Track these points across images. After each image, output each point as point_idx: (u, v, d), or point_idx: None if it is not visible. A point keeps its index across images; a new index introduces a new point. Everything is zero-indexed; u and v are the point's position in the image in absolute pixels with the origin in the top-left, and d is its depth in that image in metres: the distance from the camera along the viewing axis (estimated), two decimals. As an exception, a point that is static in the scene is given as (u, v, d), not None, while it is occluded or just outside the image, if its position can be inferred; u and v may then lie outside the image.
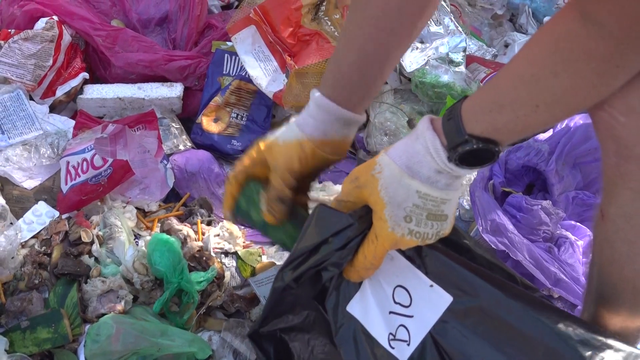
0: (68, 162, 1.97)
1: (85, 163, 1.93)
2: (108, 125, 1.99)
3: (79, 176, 1.94)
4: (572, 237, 1.89)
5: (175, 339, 1.65)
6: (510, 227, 1.80)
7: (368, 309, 1.32)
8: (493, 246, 1.78)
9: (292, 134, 1.35)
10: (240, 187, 1.42)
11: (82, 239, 1.80)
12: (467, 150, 1.12)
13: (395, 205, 1.18)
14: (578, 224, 1.94)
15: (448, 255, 1.28)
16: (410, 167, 1.17)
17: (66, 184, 1.96)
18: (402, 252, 1.30)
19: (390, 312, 1.30)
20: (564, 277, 1.77)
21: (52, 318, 1.67)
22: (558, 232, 1.90)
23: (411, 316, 1.28)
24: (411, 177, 1.17)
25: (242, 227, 2.01)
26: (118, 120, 2.09)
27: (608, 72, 1.01)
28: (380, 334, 1.30)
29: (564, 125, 2.03)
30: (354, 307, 1.33)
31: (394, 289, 1.30)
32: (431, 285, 1.27)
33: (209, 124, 2.23)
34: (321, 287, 1.40)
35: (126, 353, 1.61)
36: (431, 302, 1.27)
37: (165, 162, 2.05)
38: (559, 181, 2.02)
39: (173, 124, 2.22)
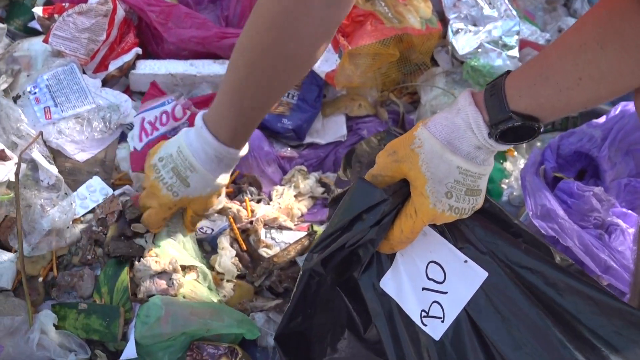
0: (143, 119, 1.99)
1: (165, 115, 1.96)
2: (181, 96, 2.01)
3: (157, 130, 1.96)
4: (623, 225, 1.87)
5: (225, 319, 1.66)
6: (561, 212, 1.79)
7: (401, 286, 1.31)
8: (543, 231, 1.77)
9: (216, 187, 1.69)
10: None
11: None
12: (509, 127, 1.12)
13: (437, 181, 1.18)
14: (629, 211, 1.92)
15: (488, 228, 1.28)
16: (451, 142, 1.17)
17: (141, 140, 1.98)
18: (435, 228, 1.30)
19: (424, 289, 1.29)
20: (614, 265, 1.76)
21: (109, 313, 1.67)
22: (609, 219, 1.88)
23: (445, 292, 1.28)
24: (452, 153, 1.17)
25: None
26: (190, 99, 2.09)
27: None
28: (412, 311, 1.30)
29: (617, 112, 2.01)
30: (387, 284, 1.33)
31: (427, 264, 1.30)
32: (465, 261, 1.27)
33: (260, 102, 2.23)
34: (347, 277, 1.39)
35: (175, 334, 1.62)
36: (466, 278, 1.26)
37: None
38: (611, 168, 2.00)
39: (224, 101, 2.23)
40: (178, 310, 1.64)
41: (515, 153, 2.21)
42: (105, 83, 2.20)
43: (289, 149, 2.24)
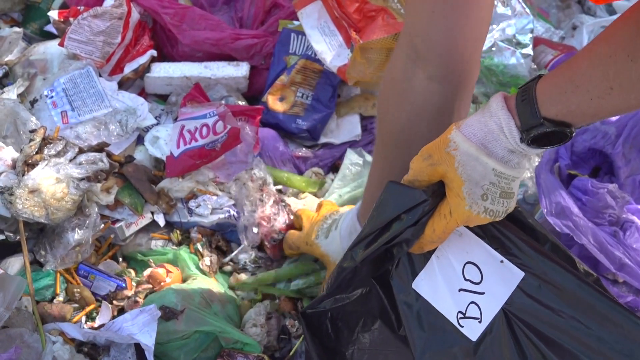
0: (183, 126, 2.01)
1: (205, 128, 1.97)
2: (221, 105, 2.02)
3: (196, 140, 1.98)
4: (638, 222, 1.87)
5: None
6: (576, 210, 1.79)
7: (436, 287, 1.32)
8: (557, 229, 1.77)
9: None
10: None
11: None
12: (541, 133, 1.13)
13: (474, 183, 1.18)
14: (644, 208, 1.92)
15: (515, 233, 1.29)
16: (486, 146, 1.18)
17: (178, 147, 1.99)
18: (470, 228, 1.30)
19: (460, 290, 1.30)
20: (629, 262, 1.76)
21: None
22: (624, 216, 1.88)
23: (482, 293, 1.29)
24: (487, 156, 1.17)
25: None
26: (227, 105, 2.09)
27: None
28: (448, 312, 1.31)
29: (632, 108, 2.01)
30: (420, 285, 1.33)
31: (464, 265, 1.30)
32: (502, 261, 1.27)
33: (274, 102, 2.24)
34: (383, 270, 1.40)
35: (189, 332, 1.64)
36: (503, 278, 1.27)
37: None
38: (625, 164, 2.00)
39: (239, 103, 2.23)
40: (192, 310, 1.66)
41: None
42: (120, 85, 2.21)
43: (304, 149, 2.24)
